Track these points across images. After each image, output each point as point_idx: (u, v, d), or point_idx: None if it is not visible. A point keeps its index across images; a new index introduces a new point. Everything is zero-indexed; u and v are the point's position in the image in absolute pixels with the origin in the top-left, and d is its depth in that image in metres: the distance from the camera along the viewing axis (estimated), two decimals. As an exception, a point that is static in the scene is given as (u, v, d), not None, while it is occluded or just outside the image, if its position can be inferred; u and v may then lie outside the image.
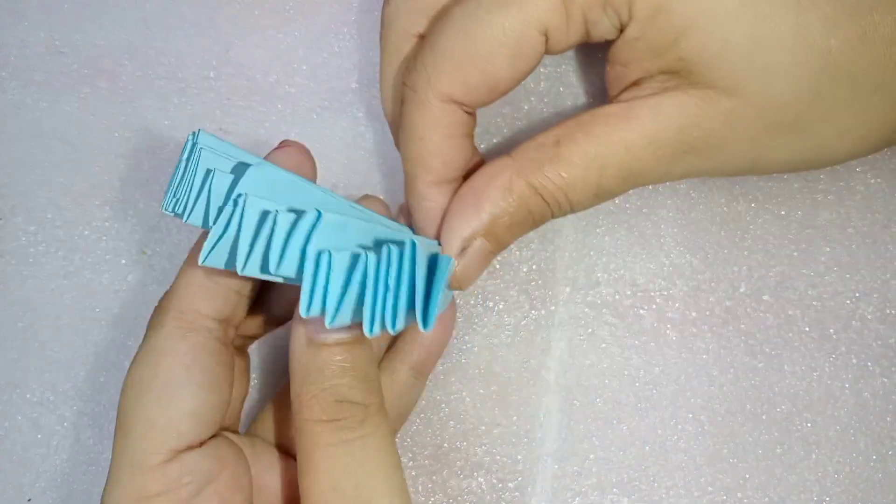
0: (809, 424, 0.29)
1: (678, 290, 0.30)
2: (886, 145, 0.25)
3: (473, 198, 0.25)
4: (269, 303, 0.27)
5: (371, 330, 0.21)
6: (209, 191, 0.22)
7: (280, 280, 0.22)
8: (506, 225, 0.25)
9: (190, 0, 0.32)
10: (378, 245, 0.22)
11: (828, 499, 0.29)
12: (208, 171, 0.22)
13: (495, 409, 0.30)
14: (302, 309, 0.21)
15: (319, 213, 0.21)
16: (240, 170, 0.22)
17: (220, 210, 0.22)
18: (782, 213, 0.30)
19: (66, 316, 0.31)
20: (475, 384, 0.30)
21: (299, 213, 0.21)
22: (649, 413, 0.30)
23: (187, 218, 0.22)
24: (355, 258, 0.21)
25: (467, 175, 0.26)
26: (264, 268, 0.21)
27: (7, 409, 0.30)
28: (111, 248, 0.31)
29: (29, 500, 0.30)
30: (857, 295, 0.30)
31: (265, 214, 0.21)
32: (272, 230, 0.21)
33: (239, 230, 0.21)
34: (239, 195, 0.21)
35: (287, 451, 0.27)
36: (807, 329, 0.30)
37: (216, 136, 0.23)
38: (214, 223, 0.21)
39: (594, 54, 0.31)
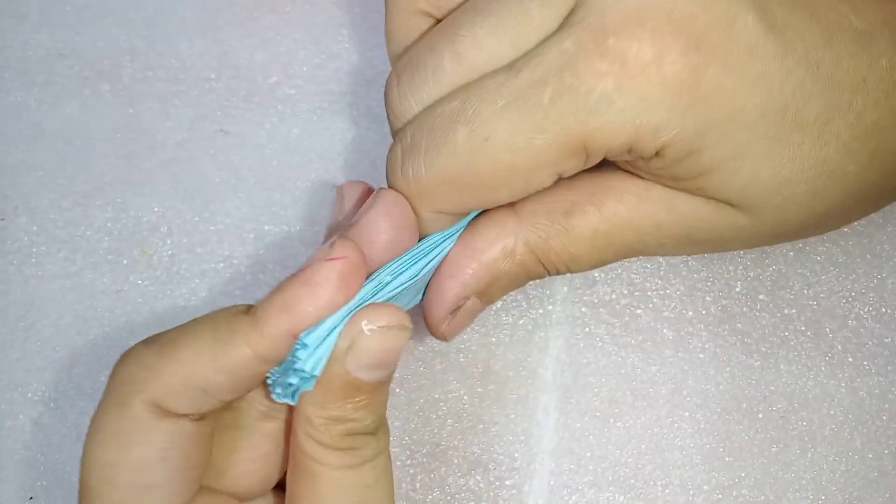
0: (805, 423, 0.30)
1: (674, 289, 0.30)
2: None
3: (472, 260, 0.24)
4: None
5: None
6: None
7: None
8: (501, 287, 0.25)
9: (190, 3, 0.33)
10: None
11: (823, 497, 0.29)
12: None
13: (493, 408, 0.30)
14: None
15: None
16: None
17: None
18: (778, 212, 0.31)
19: (68, 315, 0.31)
20: (473, 382, 0.30)
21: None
22: (646, 411, 0.30)
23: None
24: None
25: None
26: None
27: (9, 408, 0.31)
28: (113, 249, 0.31)
29: (31, 497, 0.30)
30: (853, 294, 0.30)
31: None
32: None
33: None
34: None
35: None
36: (802, 328, 0.30)
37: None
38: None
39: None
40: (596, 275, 0.30)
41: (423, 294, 0.26)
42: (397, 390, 0.30)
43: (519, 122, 0.21)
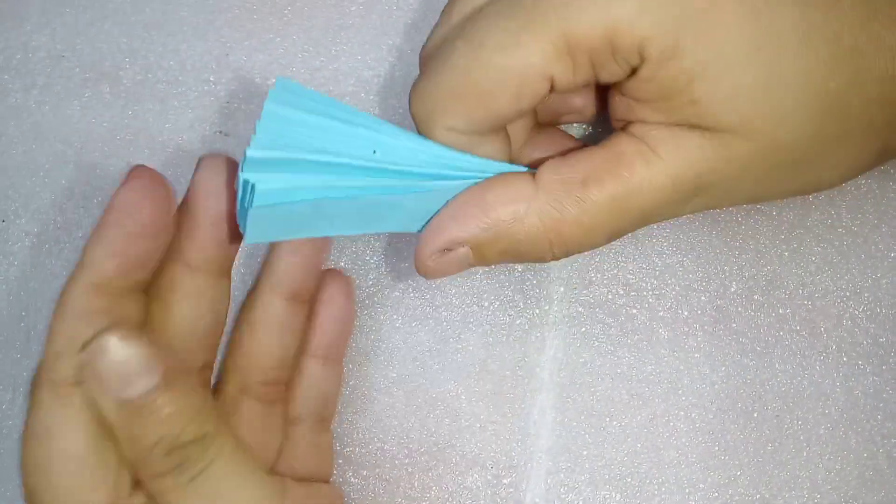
0: (800, 422, 0.30)
1: (670, 289, 0.31)
2: (868, 170, 0.26)
3: (479, 209, 0.24)
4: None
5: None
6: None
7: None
8: (499, 250, 0.25)
9: (190, 5, 0.33)
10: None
11: (819, 496, 0.29)
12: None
13: (490, 407, 0.30)
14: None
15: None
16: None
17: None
18: (773, 213, 0.31)
19: (69, 316, 0.31)
20: (470, 382, 0.30)
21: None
22: (641, 410, 0.30)
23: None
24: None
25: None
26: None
27: (10, 409, 0.31)
28: (113, 249, 0.32)
29: (32, 496, 0.30)
30: (848, 294, 0.30)
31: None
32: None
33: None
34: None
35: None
36: (797, 328, 0.30)
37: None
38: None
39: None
40: (592, 275, 0.31)
41: (423, 226, 0.25)
42: (395, 390, 0.30)
43: (506, 25, 0.23)
